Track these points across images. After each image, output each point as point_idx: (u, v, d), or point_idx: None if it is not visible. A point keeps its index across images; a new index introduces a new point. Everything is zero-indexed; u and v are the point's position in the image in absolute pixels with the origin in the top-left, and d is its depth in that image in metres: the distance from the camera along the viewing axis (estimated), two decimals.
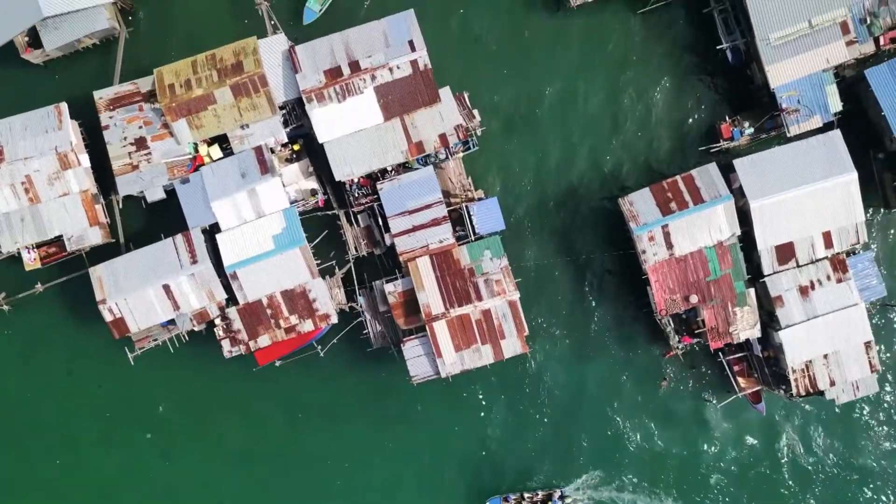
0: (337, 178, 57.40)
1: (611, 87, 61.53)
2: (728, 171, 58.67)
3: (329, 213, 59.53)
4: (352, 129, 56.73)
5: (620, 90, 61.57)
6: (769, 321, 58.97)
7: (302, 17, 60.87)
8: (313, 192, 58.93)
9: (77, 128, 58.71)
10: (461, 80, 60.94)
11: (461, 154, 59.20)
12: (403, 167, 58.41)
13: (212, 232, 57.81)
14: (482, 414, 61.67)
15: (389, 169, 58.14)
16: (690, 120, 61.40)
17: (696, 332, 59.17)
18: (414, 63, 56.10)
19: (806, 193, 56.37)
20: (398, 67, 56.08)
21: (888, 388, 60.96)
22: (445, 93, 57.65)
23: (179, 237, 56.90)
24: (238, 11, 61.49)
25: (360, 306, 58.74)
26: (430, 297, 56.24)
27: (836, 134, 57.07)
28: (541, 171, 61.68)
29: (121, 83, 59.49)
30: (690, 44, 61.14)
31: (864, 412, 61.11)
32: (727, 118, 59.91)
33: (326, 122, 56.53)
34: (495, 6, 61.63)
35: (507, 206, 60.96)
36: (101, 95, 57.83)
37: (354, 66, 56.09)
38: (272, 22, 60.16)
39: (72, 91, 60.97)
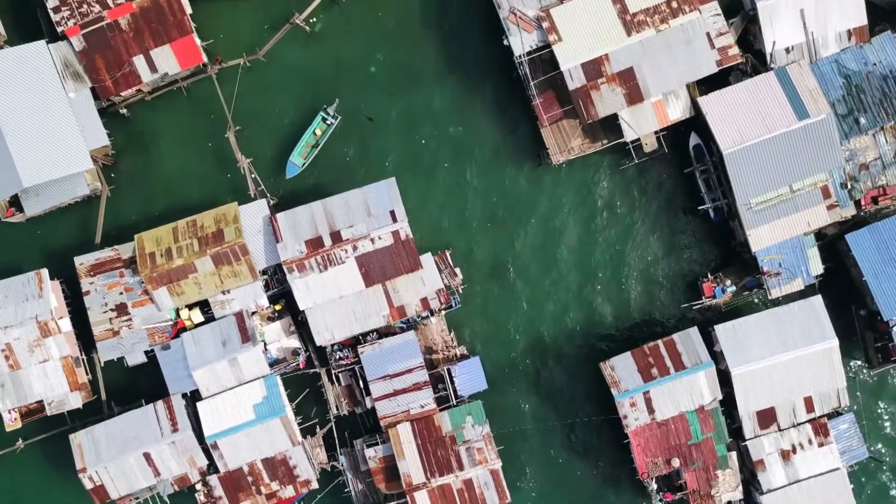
0: (318, 344, 57.43)
1: (593, 240, 61.65)
2: (711, 324, 58.88)
3: (310, 371, 59.46)
4: (333, 295, 56.75)
5: (603, 243, 61.67)
6: (751, 478, 59.00)
7: (285, 171, 60.78)
8: (295, 353, 58.88)
9: (58, 287, 58.58)
10: (444, 232, 61.15)
11: (443, 312, 59.22)
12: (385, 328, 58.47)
13: (193, 396, 57.66)
14: None
15: (371, 331, 58.16)
16: (673, 275, 61.47)
17: (679, 487, 59.20)
18: (396, 234, 56.11)
19: (787, 360, 56.50)
20: (380, 238, 56.11)
21: None
22: (427, 259, 57.72)
23: (160, 404, 56.81)
24: (220, 165, 61.45)
25: (342, 465, 58.72)
26: (411, 466, 56.19)
27: (818, 300, 57.22)
28: (524, 324, 61.70)
29: (102, 247, 59.47)
30: (673, 200, 61.29)
31: None
32: (709, 275, 60.03)
33: (307, 290, 56.55)
34: (479, 160, 61.70)
35: (491, 359, 60.95)
36: (82, 261, 57.76)
37: (336, 237, 56.10)
38: (252, 176, 60.18)
39: (53, 245, 61.05)
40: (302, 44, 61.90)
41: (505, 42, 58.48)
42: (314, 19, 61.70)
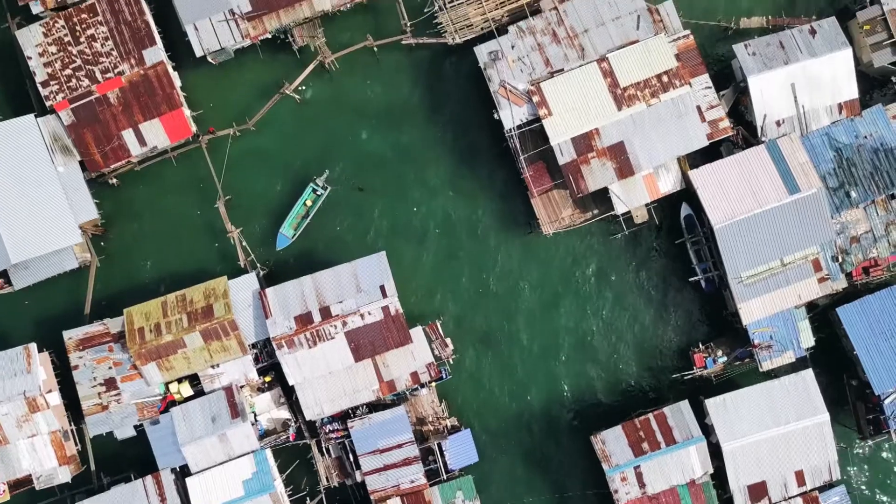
0: (308, 418, 57.27)
1: (584, 308, 61.47)
2: (703, 392, 58.80)
3: (301, 442, 59.23)
4: (322, 371, 56.58)
5: (593, 311, 61.50)
6: None
7: (276, 243, 60.59)
8: (286, 424, 58.69)
9: (47, 359, 58.32)
10: (435, 299, 61.00)
11: (434, 383, 59.06)
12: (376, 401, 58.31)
13: (183, 471, 57.41)
14: None
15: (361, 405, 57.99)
16: (664, 344, 61.32)
17: None
18: (385, 309, 55.93)
19: (778, 435, 56.33)
20: (369, 314, 55.93)
21: None
22: (417, 332, 57.54)
23: (149, 479, 56.57)
24: (210, 234, 61.25)
25: None
26: None
27: (809, 374, 57.09)
28: (515, 392, 61.50)
29: (92, 316, 59.42)
30: (664, 269, 61.16)
31: None
32: (700, 346, 59.83)
33: (297, 366, 56.37)
34: (471, 227, 61.55)
35: (482, 427, 60.75)
36: (71, 336, 57.53)
37: (325, 313, 55.91)
38: (243, 245, 60.03)
39: (43, 315, 60.82)
40: (293, 111, 61.77)
41: (496, 116, 58.35)
42: (304, 87, 61.54)
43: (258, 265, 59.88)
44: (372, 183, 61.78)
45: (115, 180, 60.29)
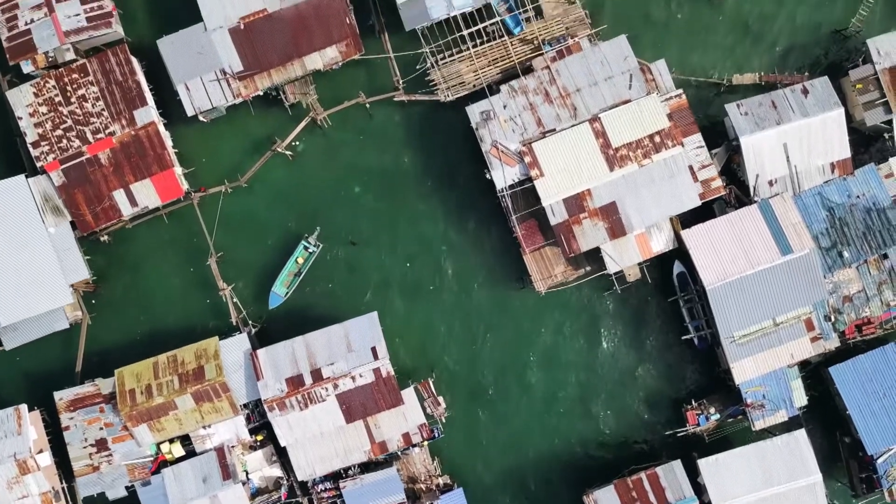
0: (300, 479, 57.15)
1: (577, 363, 61.39)
2: (696, 448, 58.76)
3: (293, 501, 59.06)
4: (314, 432, 56.48)
5: (587, 367, 61.41)
6: None
7: (268, 300, 60.43)
8: (277, 483, 58.55)
9: (38, 418, 58.02)
10: (427, 353, 60.90)
11: (426, 443, 58.94)
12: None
13: None
14: None
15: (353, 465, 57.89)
16: (657, 400, 61.22)
17: None
18: (377, 371, 55.84)
19: (771, 495, 56.27)
20: (361, 376, 55.83)
21: None
22: (409, 393, 57.45)
23: None
24: (202, 290, 61.05)
25: None
26: None
27: (801, 434, 56.96)
28: (509, 447, 61.36)
29: (83, 375, 59.26)
30: (657, 325, 61.09)
31: None
32: (693, 402, 59.70)
33: (288, 427, 56.26)
34: (464, 281, 61.40)
35: (474, 483, 60.54)
36: (62, 396, 57.39)
37: (316, 375, 55.79)
38: (234, 301, 59.93)
39: (34, 373, 60.60)
40: (285, 166, 61.62)
41: (487, 176, 58.24)
42: (297, 142, 61.41)
43: (250, 322, 59.74)
44: (365, 237, 61.68)
45: (106, 237, 60.09)
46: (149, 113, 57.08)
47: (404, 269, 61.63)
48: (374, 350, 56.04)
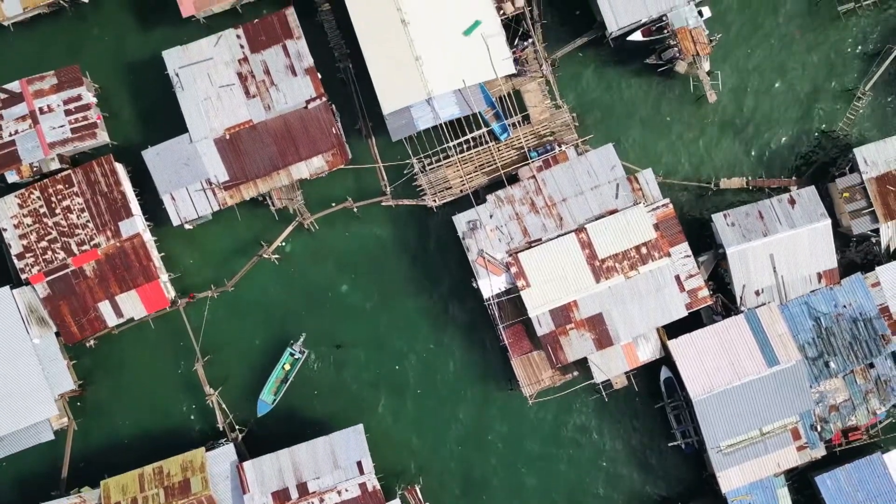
0: None
1: (565, 465, 61.26)
2: None
3: None
4: None
5: (574, 469, 61.28)
6: None
7: (256, 408, 60.28)
8: None
9: None
10: (415, 454, 60.86)
11: None
12: None
13: None
14: None
15: None
16: (645, 502, 61.22)
17: None
18: (363, 486, 55.77)
19: None
20: (347, 490, 55.73)
21: None
22: None
23: None
24: (189, 393, 60.89)
25: None
26: None
27: None
28: None
29: (69, 482, 59.07)
30: (645, 430, 60.97)
31: None
32: None
33: None
34: (451, 383, 61.33)
35: None
36: None
37: (302, 489, 55.69)
38: (221, 407, 59.83)
39: (20, 480, 60.44)
40: (272, 267, 61.42)
41: (474, 285, 58.14)
42: (284, 243, 61.23)
43: (237, 428, 59.63)
44: (352, 336, 61.55)
45: (92, 342, 59.88)
46: (134, 224, 56.89)
47: (391, 371, 61.52)
48: (359, 464, 55.98)
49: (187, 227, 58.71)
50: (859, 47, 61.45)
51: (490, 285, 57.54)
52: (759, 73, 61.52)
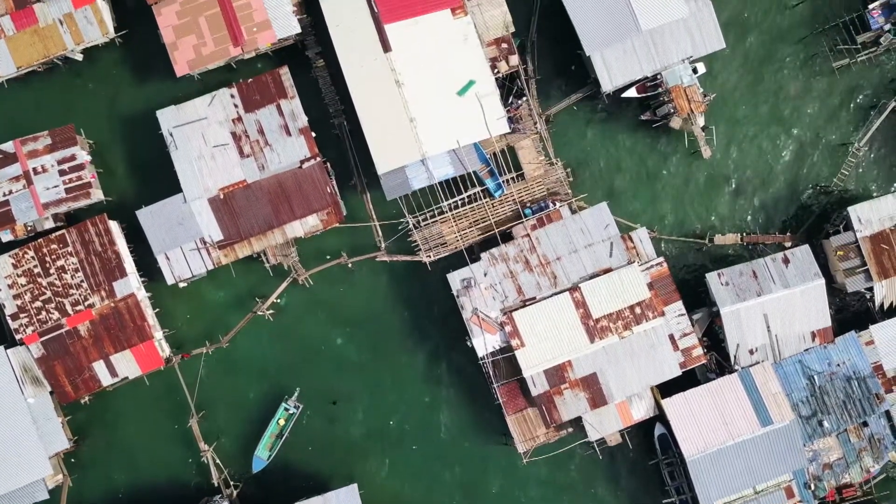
0: None
1: None
2: None
3: None
4: None
5: None
6: None
7: (251, 464, 60.27)
8: None
9: None
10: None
11: None
12: None
13: None
14: None
15: None
16: None
17: None
18: None
19: None
20: None
21: None
22: None
23: None
24: (184, 448, 60.89)
25: None
26: None
27: None
28: None
29: None
30: (640, 486, 61.03)
31: None
32: None
33: None
34: (446, 438, 61.44)
35: None
36: None
37: None
38: (216, 462, 59.86)
39: None
40: (267, 323, 61.32)
41: (468, 344, 58.17)
42: (280, 298, 61.19)
43: (232, 484, 59.66)
44: (347, 391, 61.56)
45: (87, 398, 59.84)
46: (128, 284, 56.84)
47: (386, 426, 61.54)
48: None
49: (182, 285, 58.68)
50: (854, 102, 61.50)
51: (485, 343, 57.57)
52: (754, 129, 61.59)
